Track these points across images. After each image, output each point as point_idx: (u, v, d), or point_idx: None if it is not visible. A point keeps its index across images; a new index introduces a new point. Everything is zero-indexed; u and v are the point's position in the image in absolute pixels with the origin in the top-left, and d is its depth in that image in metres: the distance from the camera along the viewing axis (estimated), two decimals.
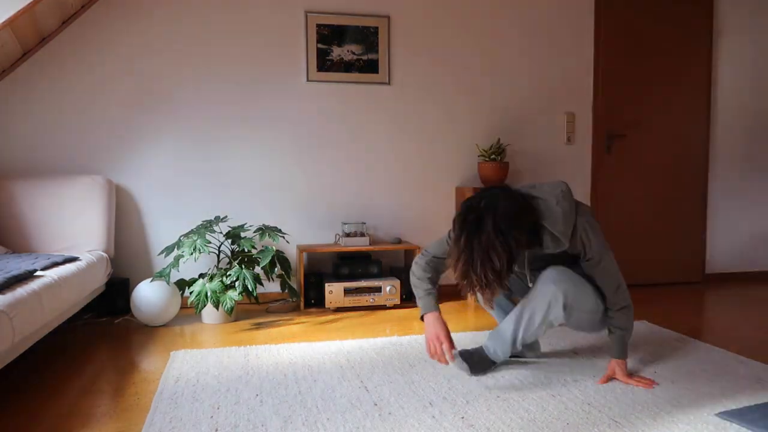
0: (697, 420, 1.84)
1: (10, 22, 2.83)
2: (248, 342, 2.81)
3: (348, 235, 3.59)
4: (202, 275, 3.27)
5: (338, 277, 3.52)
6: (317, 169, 3.76)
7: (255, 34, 3.62)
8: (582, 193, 4.13)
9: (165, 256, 3.23)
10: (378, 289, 3.48)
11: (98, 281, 3.00)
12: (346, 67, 3.73)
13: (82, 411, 1.98)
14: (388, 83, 3.81)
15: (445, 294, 3.87)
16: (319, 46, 3.68)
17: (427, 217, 3.92)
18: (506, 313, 2.41)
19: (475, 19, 3.92)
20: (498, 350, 2.23)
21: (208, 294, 3.05)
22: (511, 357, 2.35)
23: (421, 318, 2.25)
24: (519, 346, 2.20)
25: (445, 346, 2.15)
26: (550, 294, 2.07)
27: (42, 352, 2.66)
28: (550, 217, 1.97)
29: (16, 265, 2.44)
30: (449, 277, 3.93)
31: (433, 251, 2.28)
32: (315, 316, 3.36)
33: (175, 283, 3.23)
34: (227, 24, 3.58)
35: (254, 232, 3.32)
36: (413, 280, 2.30)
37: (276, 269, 3.27)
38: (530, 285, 2.24)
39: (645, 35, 4.16)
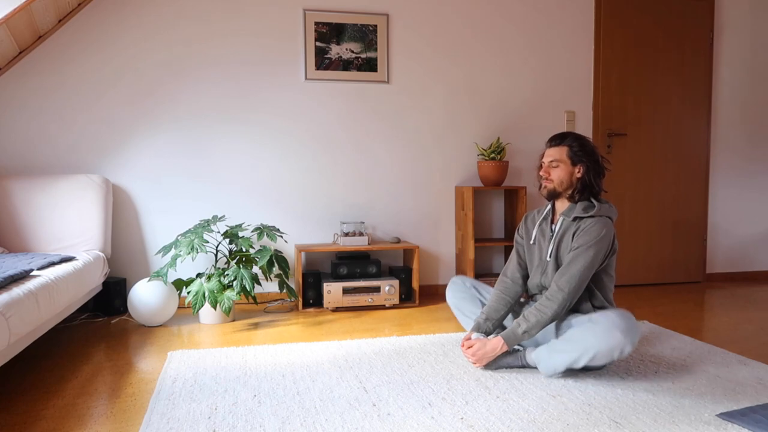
0: (698, 421, 1.83)
1: (6, 19, 2.81)
2: (246, 342, 2.79)
3: (346, 234, 3.57)
4: (199, 275, 3.25)
5: (337, 277, 3.51)
6: (316, 168, 3.74)
7: (253, 32, 3.61)
8: None
9: (162, 256, 3.22)
10: (377, 289, 3.46)
11: (95, 281, 2.99)
12: (344, 65, 3.71)
13: (78, 411, 1.97)
14: (387, 82, 3.79)
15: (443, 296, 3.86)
16: (318, 44, 3.67)
17: (426, 217, 3.91)
18: (471, 320, 2.58)
19: (475, 17, 3.90)
20: (542, 368, 2.24)
21: (206, 294, 3.03)
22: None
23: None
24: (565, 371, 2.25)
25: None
26: (615, 342, 2.06)
27: (38, 353, 2.64)
28: (598, 200, 2.33)
29: (13, 264, 2.43)
30: (446, 277, 3.90)
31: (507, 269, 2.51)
32: (313, 316, 3.35)
33: (172, 282, 3.21)
34: (225, 22, 3.56)
35: (252, 231, 3.30)
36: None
37: (274, 269, 3.25)
38: (548, 259, 2.32)
39: (645, 33, 4.15)
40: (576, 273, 2.20)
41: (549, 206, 2.45)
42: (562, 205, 2.38)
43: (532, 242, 2.44)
